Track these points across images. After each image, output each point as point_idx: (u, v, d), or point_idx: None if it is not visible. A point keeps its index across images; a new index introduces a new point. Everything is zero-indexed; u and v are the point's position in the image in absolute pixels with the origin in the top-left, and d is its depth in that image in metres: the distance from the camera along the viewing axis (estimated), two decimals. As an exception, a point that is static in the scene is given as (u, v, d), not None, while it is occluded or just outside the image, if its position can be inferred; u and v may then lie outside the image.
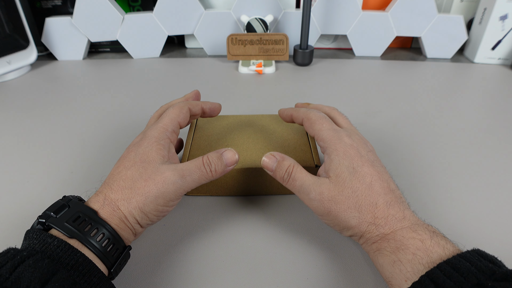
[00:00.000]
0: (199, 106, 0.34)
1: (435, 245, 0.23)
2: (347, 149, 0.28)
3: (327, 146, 0.29)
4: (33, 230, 0.23)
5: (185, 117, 0.32)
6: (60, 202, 0.25)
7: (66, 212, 0.24)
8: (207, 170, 0.28)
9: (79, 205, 0.25)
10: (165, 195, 0.26)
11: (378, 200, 0.26)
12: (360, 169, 0.27)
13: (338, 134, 0.29)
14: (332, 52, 0.79)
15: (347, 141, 0.28)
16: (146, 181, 0.26)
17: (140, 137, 0.30)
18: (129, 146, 0.30)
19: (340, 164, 0.27)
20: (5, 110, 0.54)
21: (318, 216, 0.28)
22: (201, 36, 0.74)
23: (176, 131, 0.31)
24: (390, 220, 0.25)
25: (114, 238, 0.25)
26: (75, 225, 0.24)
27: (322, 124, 0.30)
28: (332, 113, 0.33)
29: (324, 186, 0.27)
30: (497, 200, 0.36)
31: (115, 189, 0.26)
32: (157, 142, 0.29)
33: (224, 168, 0.29)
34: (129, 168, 0.27)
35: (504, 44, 0.68)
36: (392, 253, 0.24)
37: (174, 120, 0.31)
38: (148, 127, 0.31)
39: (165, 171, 0.27)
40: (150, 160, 0.27)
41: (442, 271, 0.21)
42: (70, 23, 0.71)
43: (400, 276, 0.23)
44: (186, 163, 0.28)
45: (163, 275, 0.29)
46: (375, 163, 0.28)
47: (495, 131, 0.48)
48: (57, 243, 0.22)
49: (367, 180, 0.26)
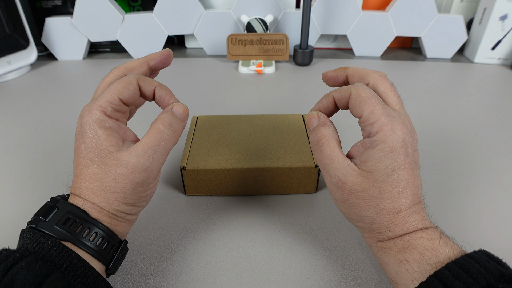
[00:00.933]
0: (149, 83, 0.27)
1: (444, 245, 0.22)
2: (396, 146, 0.24)
3: (375, 133, 0.24)
4: (27, 229, 0.23)
5: (132, 94, 0.26)
6: (48, 204, 0.24)
7: (55, 215, 0.23)
8: (169, 135, 0.25)
9: (68, 205, 0.24)
10: (141, 182, 0.24)
11: (403, 207, 0.24)
12: (399, 172, 0.24)
13: (392, 121, 0.24)
14: (332, 52, 0.79)
15: (400, 133, 0.24)
16: (114, 177, 0.24)
17: (79, 123, 0.25)
18: (75, 135, 0.26)
19: (381, 161, 0.24)
20: (5, 110, 0.54)
21: (333, 198, 0.26)
22: (201, 36, 0.74)
23: (121, 108, 0.26)
24: (406, 226, 0.24)
25: (108, 235, 0.24)
26: (65, 228, 0.23)
27: (375, 105, 0.24)
28: (383, 86, 0.27)
29: (350, 178, 0.24)
30: (497, 200, 0.36)
31: (86, 193, 0.24)
32: (101, 128, 0.24)
33: (182, 124, 0.26)
34: (88, 166, 0.24)
35: (504, 44, 0.68)
36: (398, 253, 0.23)
37: (114, 96, 0.25)
38: (86, 106, 0.26)
39: (129, 161, 0.24)
40: (105, 152, 0.24)
41: (451, 272, 0.20)
42: (70, 23, 0.71)
43: (406, 275, 0.22)
44: (144, 140, 0.25)
45: (163, 275, 0.29)
46: (416, 165, 0.25)
47: (495, 131, 0.48)
48: (50, 244, 0.22)
49: (401, 184, 0.24)
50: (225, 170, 0.34)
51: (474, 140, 0.46)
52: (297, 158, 0.35)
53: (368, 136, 0.25)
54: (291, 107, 0.54)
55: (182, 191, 0.37)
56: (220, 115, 0.42)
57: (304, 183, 0.36)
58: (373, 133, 0.24)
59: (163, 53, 0.29)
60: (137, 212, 0.27)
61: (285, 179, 0.35)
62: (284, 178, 0.35)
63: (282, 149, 0.36)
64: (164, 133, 0.25)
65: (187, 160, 0.35)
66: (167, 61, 0.30)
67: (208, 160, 0.35)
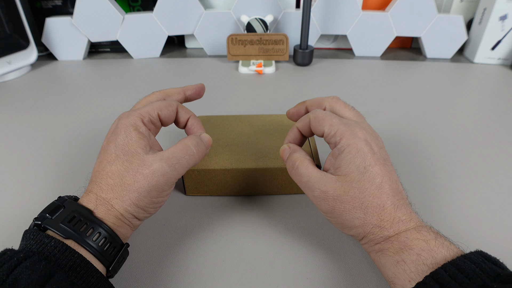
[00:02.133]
0: (186, 111, 0.31)
1: (440, 246, 0.23)
2: (361, 146, 0.26)
3: (338, 141, 0.27)
4: (30, 230, 0.23)
5: (170, 115, 0.29)
6: (55, 203, 0.25)
7: (61, 213, 0.24)
8: (194, 152, 0.27)
9: (74, 205, 0.25)
10: (157, 187, 0.26)
11: (386, 202, 0.25)
12: (371, 168, 0.25)
13: (351, 128, 0.27)
14: (332, 52, 0.79)
15: (361, 135, 0.26)
16: (135, 176, 0.25)
17: (115, 124, 0.28)
18: (107, 134, 0.28)
19: (351, 162, 0.25)
20: (5, 110, 0.54)
21: (322, 212, 0.27)
22: (201, 36, 0.74)
23: (156, 123, 0.29)
24: (396, 222, 0.24)
25: (111, 236, 0.25)
26: (70, 226, 0.23)
27: (332, 119, 0.27)
28: (337, 106, 0.30)
29: (329, 185, 0.26)
30: (497, 200, 0.36)
31: (104, 188, 0.25)
32: (135, 131, 0.27)
33: (206, 150, 0.29)
34: (113, 162, 0.26)
35: (504, 44, 0.68)
36: (395, 254, 0.24)
37: (154, 110, 0.28)
38: (126, 112, 0.29)
39: (152, 163, 0.26)
40: (133, 152, 0.26)
41: (447, 272, 0.21)
42: (70, 23, 0.71)
43: (403, 276, 0.23)
44: (171, 150, 0.27)
45: (163, 275, 0.29)
46: (387, 161, 0.26)
47: (495, 131, 0.48)
48: (54, 244, 0.22)
49: (377, 181, 0.25)
50: (225, 170, 0.34)
51: (474, 140, 0.46)
52: (297, 158, 0.35)
53: (335, 146, 0.27)
54: (291, 107, 0.54)
55: (182, 191, 0.37)
56: (220, 115, 0.42)
57: (304, 183, 0.36)
58: (337, 142, 0.27)
59: (198, 86, 0.33)
60: (144, 218, 0.27)
61: (285, 179, 0.35)
62: (284, 178, 0.35)
63: (282, 149, 0.36)
64: (190, 149, 0.27)
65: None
66: (201, 93, 0.33)
67: (208, 160, 0.35)
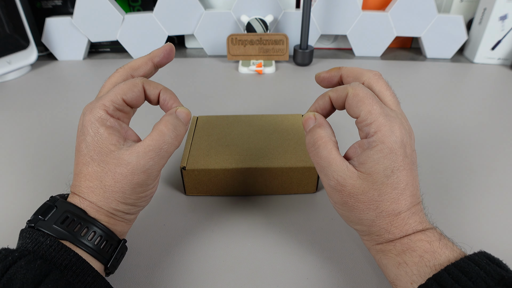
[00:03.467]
0: (154, 86, 0.27)
1: (443, 247, 0.22)
2: (395, 147, 0.23)
3: (373, 133, 0.24)
4: (26, 229, 0.23)
5: (136, 96, 0.26)
6: (47, 203, 0.24)
7: (54, 213, 0.23)
8: (173, 138, 0.25)
9: (67, 204, 0.24)
10: (141, 183, 0.24)
11: (402, 209, 0.23)
12: (399, 173, 0.23)
13: (391, 122, 0.24)
14: (332, 52, 0.79)
15: (399, 134, 0.23)
16: (114, 177, 0.24)
17: (81, 121, 0.25)
18: (77, 133, 0.26)
19: (380, 162, 0.23)
20: (5, 110, 0.54)
21: (331, 201, 0.26)
22: (201, 36, 0.74)
23: (123, 109, 0.26)
24: (405, 228, 0.24)
25: (107, 234, 0.24)
26: (63, 227, 0.23)
27: (372, 105, 0.24)
28: (378, 85, 0.26)
29: (349, 181, 0.24)
30: (497, 200, 0.36)
31: (86, 191, 0.24)
32: (103, 126, 0.24)
33: (185, 128, 0.26)
34: (88, 164, 0.24)
35: (504, 44, 0.68)
36: (397, 255, 0.23)
37: (117, 96, 0.25)
38: (89, 104, 0.26)
39: (129, 161, 0.24)
40: (106, 150, 0.24)
41: (450, 275, 0.20)
42: (70, 23, 0.71)
43: (405, 278, 0.22)
44: (147, 142, 0.24)
45: (163, 275, 0.29)
46: (414, 165, 0.25)
47: (495, 131, 0.48)
48: (49, 243, 0.22)
49: (401, 186, 0.23)
50: (225, 170, 0.34)
51: (474, 140, 0.46)
52: (297, 158, 0.35)
53: (366, 137, 0.24)
54: (291, 107, 0.54)
55: (182, 191, 0.37)
56: (220, 115, 0.42)
57: (304, 183, 0.36)
58: (371, 134, 0.24)
59: (165, 48, 0.29)
60: (137, 211, 0.27)
61: (285, 179, 0.35)
62: (284, 178, 0.35)
63: (282, 149, 0.36)
64: (167, 135, 0.25)
65: (187, 160, 0.35)
66: (170, 55, 0.29)
67: (208, 160, 0.35)
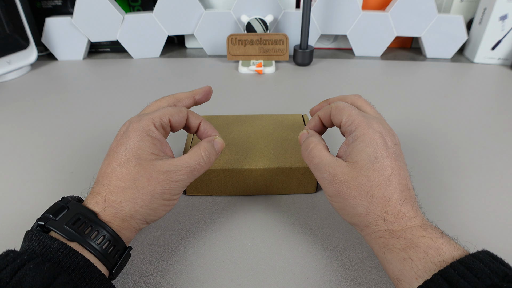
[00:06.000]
0: (196, 116, 0.31)
1: (447, 244, 0.23)
2: (375, 137, 0.27)
3: (354, 130, 0.28)
4: (32, 231, 0.23)
5: (180, 121, 0.29)
6: (59, 204, 0.25)
7: (66, 214, 0.24)
8: (205, 161, 0.28)
9: (79, 206, 0.25)
10: (170, 191, 0.26)
11: (392, 195, 0.25)
12: (382, 160, 0.26)
13: (368, 120, 0.28)
14: (332, 52, 0.79)
15: (376, 127, 0.27)
16: (149, 180, 0.26)
17: (125, 127, 0.28)
18: (116, 136, 0.28)
19: (363, 150, 0.26)
20: (5, 110, 0.54)
21: (327, 196, 0.28)
22: (201, 36, 0.74)
23: (166, 128, 0.29)
24: (400, 217, 0.24)
25: (115, 239, 0.25)
26: (75, 228, 0.23)
27: (351, 110, 0.29)
28: (359, 102, 0.32)
29: (339, 169, 0.26)
30: (497, 200, 0.36)
31: (114, 190, 0.25)
32: (147, 135, 0.27)
33: (216, 156, 0.30)
34: (123, 165, 0.26)
35: (504, 44, 0.68)
36: (401, 251, 0.23)
37: (166, 116, 0.28)
38: (136, 116, 0.29)
39: (168, 170, 0.26)
40: (145, 157, 0.26)
41: (456, 270, 0.20)
42: (70, 23, 0.71)
43: (410, 273, 0.22)
44: (185, 159, 0.27)
45: (163, 275, 0.29)
46: (399, 158, 0.27)
47: (495, 131, 0.48)
48: (57, 246, 0.22)
49: (386, 172, 0.25)
50: (225, 170, 0.34)
51: (474, 140, 0.46)
52: (297, 158, 0.35)
53: (350, 135, 0.28)
54: (291, 107, 0.54)
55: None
56: (220, 115, 0.42)
57: (304, 183, 0.36)
58: (352, 130, 0.28)
59: (206, 89, 0.34)
60: (152, 221, 0.28)
61: (285, 179, 0.35)
62: (284, 178, 0.35)
63: (282, 149, 0.36)
64: (203, 160, 0.28)
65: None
66: (208, 96, 0.34)
67: (208, 160, 0.35)
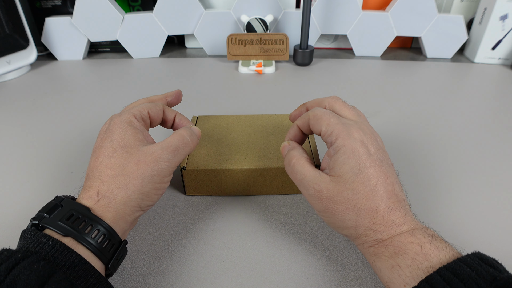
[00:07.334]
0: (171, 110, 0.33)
1: (435, 249, 0.22)
2: (356, 147, 0.26)
3: (334, 141, 0.27)
4: (27, 230, 0.23)
5: (158, 113, 0.31)
6: (53, 202, 0.25)
7: (59, 212, 0.24)
8: (189, 141, 0.29)
9: (72, 203, 0.25)
10: (160, 172, 0.27)
11: (379, 205, 0.24)
12: (366, 170, 0.25)
13: (348, 128, 0.27)
14: (332, 52, 0.79)
15: (357, 136, 0.26)
16: (137, 164, 0.26)
17: (107, 124, 0.29)
18: (99, 134, 0.29)
19: (345, 163, 0.25)
20: (5, 110, 0.54)
21: (316, 211, 0.28)
22: (201, 36, 0.74)
23: (146, 120, 0.30)
24: (389, 226, 0.24)
25: (110, 233, 0.25)
26: (69, 223, 0.23)
27: (330, 118, 0.28)
28: (336, 105, 0.30)
29: (323, 185, 0.26)
30: (498, 200, 0.36)
31: (105, 180, 0.26)
32: (130, 126, 0.28)
33: (197, 140, 0.31)
34: (111, 155, 0.26)
35: (504, 44, 0.68)
36: (390, 258, 0.23)
37: (145, 109, 0.30)
38: (116, 114, 0.30)
39: (154, 151, 0.27)
40: (131, 144, 0.27)
41: (442, 277, 0.20)
42: (70, 23, 0.70)
43: (399, 281, 0.22)
44: (169, 140, 0.28)
45: (163, 275, 0.28)
46: (383, 162, 0.26)
47: (495, 131, 0.47)
48: (52, 243, 0.22)
49: (371, 182, 0.25)
50: (225, 170, 0.34)
51: (474, 140, 0.46)
52: (297, 158, 0.35)
53: (331, 146, 0.27)
54: (291, 107, 0.54)
55: (182, 191, 0.37)
56: (220, 115, 0.42)
57: (304, 183, 0.36)
58: (333, 141, 0.27)
59: (176, 92, 0.35)
60: (146, 207, 0.28)
61: (285, 179, 0.35)
62: (284, 178, 0.35)
63: (282, 149, 0.36)
64: (186, 138, 0.29)
65: (187, 160, 0.35)
66: (179, 98, 0.36)
67: (208, 160, 0.35)
